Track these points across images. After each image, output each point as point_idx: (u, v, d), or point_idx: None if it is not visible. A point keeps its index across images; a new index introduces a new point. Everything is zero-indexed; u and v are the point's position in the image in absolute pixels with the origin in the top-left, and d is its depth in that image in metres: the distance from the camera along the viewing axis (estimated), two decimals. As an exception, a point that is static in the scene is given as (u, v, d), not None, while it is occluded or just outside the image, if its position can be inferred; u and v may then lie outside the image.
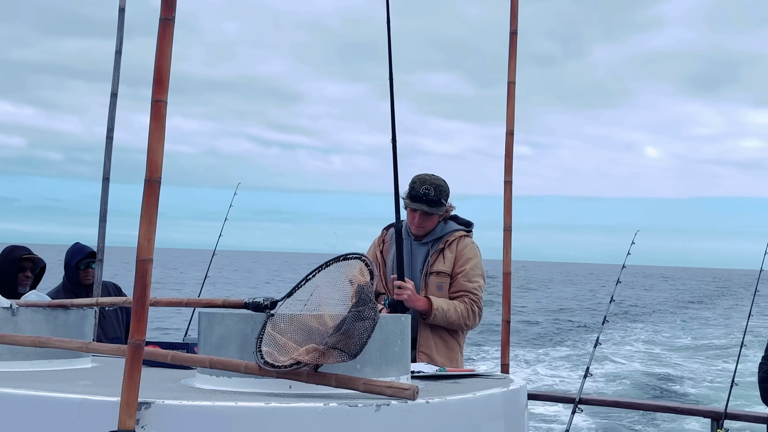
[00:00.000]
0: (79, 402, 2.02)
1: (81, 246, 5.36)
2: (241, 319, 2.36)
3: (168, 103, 1.98)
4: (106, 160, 4.16)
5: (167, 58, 1.98)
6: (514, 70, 3.38)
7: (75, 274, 5.25)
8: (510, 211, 3.33)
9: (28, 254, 5.15)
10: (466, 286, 4.00)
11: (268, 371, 2.17)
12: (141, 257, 1.94)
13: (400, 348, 2.45)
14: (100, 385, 2.39)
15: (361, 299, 2.19)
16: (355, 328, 2.13)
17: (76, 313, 2.99)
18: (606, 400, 5.83)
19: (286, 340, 2.25)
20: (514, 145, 3.35)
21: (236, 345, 2.33)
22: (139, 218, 1.95)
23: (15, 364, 2.78)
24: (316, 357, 2.13)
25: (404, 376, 2.46)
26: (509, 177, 3.36)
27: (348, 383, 2.16)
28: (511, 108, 3.37)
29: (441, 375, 2.90)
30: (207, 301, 2.64)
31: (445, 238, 4.08)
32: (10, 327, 2.81)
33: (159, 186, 1.96)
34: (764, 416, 3.97)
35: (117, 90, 4.14)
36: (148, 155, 1.96)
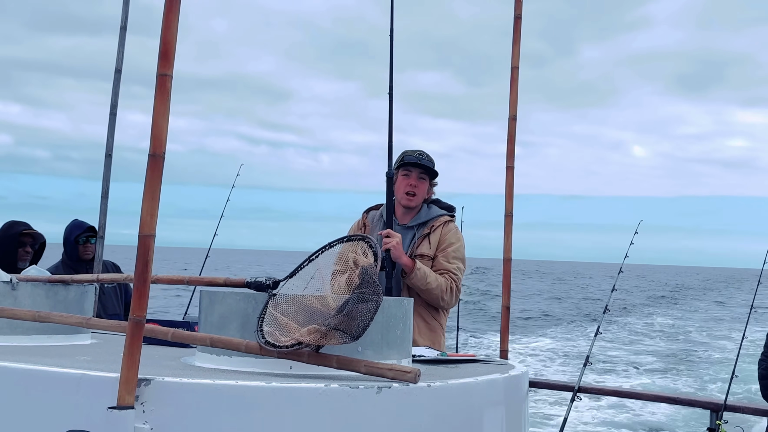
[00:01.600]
0: (79, 377, 2.01)
1: (79, 222, 5.35)
2: (242, 298, 2.34)
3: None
4: (109, 136, 4.14)
5: (173, 32, 1.95)
6: (518, 55, 3.35)
7: (74, 249, 5.24)
8: (511, 197, 3.31)
9: (28, 229, 5.13)
10: (445, 265, 4.02)
11: (269, 351, 2.16)
12: (143, 233, 1.92)
13: (402, 331, 2.43)
14: (99, 361, 2.37)
15: (365, 281, 2.17)
16: (358, 309, 2.12)
17: (77, 289, 2.98)
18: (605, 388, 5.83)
19: (288, 320, 2.24)
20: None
21: (237, 324, 2.32)
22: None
23: (14, 338, 2.77)
24: (318, 338, 2.11)
25: (405, 360, 2.45)
26: (511, 162, 3.34)
27: (349, 365, 2.14)
28: (514, 93, 3.34)
29: (442, 359, 2.89)
30: (208, 280, 2.62)
31: (430, 223, 4.11)
32: (10, 301, 2.79)
33: (163, 161, 1.94)
34: (764, 409, 3.96)
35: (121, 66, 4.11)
36: (153, 130, 1.94)
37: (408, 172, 4.10)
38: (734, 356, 4.57)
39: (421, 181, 4.11)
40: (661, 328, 27.68)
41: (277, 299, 2.31)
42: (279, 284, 2.39)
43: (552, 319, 30.14)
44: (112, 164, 4.19)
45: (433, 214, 4.15)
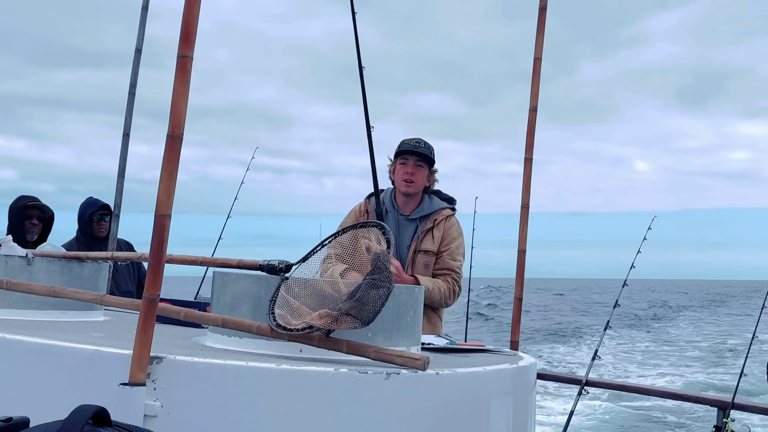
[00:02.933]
0: (91, 353, 2.03)
1: (94, 199, 5.39)
2: (255, 280, 2.36)
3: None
4: (128, 116, 4.16)
5: (195, 14, 1.96)
6: (541, 45, 3.35)
7: (88, 226, 5.28)
8: (528, 189, 3.31)
9: (33, 202, 5.18)
10: (450, 264, 4.07)
11: (280, 334, 2.17)
12: (159, 212, 1.93)
13: (412, 319, 2.44)
14: (112, 337, 2.40)
15: (377, 267, 2.18)
16: (370, 295, 2.12)
17: (91, 266, 3.00)
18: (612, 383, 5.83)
19: (299, 304, 2.25)
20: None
21: (249, 306, 2.33)
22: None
23: (28, 312, 2.80)
24: (329, 322, 2.13)
25: (414, 347, 2.46)
26: (530, 154, 3.33)
27: (359, 350, 2.16)
28: (535, 85, 3.35)
29: (451, 348, 2.90)
30: (222, 261, 2.64)
31: (433, 216, 4.13)
32: (25, 276, 2.82)
33: (181, 142, 1.95)
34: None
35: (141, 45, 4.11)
36: (172, 110, 1.95)
37: (405, 160, 4.12)
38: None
39: (419, 169, 4.11)
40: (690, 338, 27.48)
41: (289, 283, 2.33)
42: (291, 268, 2.41)
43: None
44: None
45: (435, 207, 4.16)
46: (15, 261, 2.85)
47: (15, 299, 2.78)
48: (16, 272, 2.81)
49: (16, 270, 2.83)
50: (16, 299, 2.78)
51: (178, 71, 1.95)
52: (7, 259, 2.85)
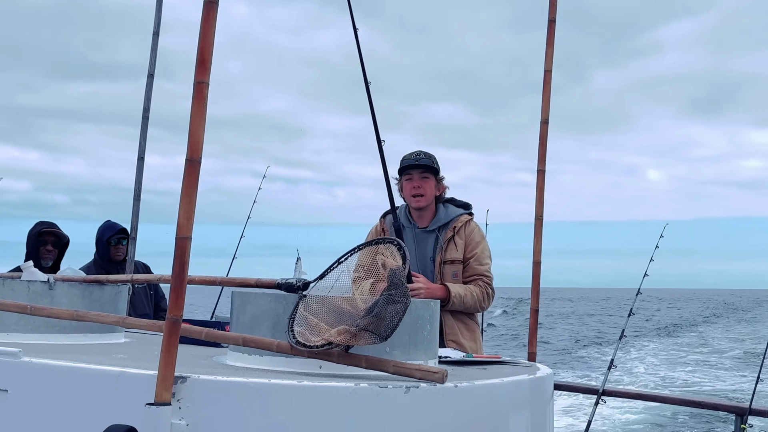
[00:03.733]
0: (117, 374, 2.08)
1: (112, 223, 5.45)
2: (273, 298, 2.40)
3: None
4: (142, 139, 4.22)
5: (210, 41, 2.01)
6: (551, 58, 3.40)
7: (106, 250, 5.34)
8: (542, 200, 3.35)
9: (49, 228, 5.24)
10: (479, 269, 4.06)
11: (299, 351, 2.21)
12: (180, 235, 1.98)
13: (429, 332, 2.48)
14: (135, 359, 2.44)
15: (393, 283, 2.22)
16: (387, 311, 2.16)
17: (111, 289, 3.06)
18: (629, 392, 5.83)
19: (318, 320, 2.29)
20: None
21: (268, 324, 2.37)
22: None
23: (51, 336, 2.85)
24: (348, 338, 2.16)
25: (432, 361, 2.49)
26: (542, 166, 3.37)
27: (378, 365, 2.19)
28: (546, 97, 3.38)
29: (468, 360, 2.93)
30: (240, 281, 2.68)
31: (452, 224, 4.11)
32: (47, 300, 2.87)
33: (199, 165, 2.00)
34: None
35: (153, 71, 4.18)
36: (190, 135, 2.00)
37: (410, 175, 4.11)
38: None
39: (425, 180, 4.10)
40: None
41: (307, 300, 2.37)
42: (309, 285, 2.45)
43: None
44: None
45: (452, 215, 4.14)
46: (37, 286, 2.90)
47: (38, 324, 2.83)
48: (38, 297, 2.87)
49: (39, 295, 2.88)
50: (39, 324, 2.83)
51: (195, 97, 2.00)
52: (30, 285, 2.90)
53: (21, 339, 2.78)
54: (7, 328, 2.82)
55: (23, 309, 2.67)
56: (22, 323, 2.82)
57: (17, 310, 2.69)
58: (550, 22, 3.37)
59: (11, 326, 2.82)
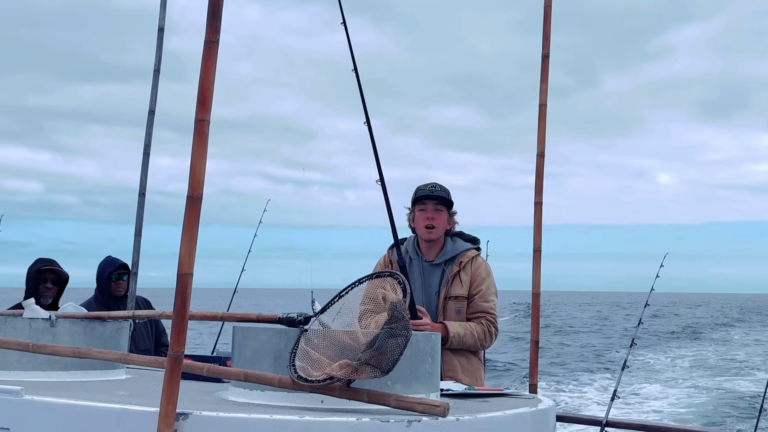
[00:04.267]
0: (119, 412, 2.08)
1: (113, 258, 5.46)
2: (275, 333, 2.41)
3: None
4: (143, 176, 4.25)
5: (211, 80, 2.04)
6: (545, 92, 3.43)
7: (107, 286, 5.35)
8: (540, 232, 3.36)
9: (48, 266, 5.25)
10: (483, 306, 4.02)
11: (301, 385, 2.22)
12: (182, 271, 1.99)
13: (431, 365, 2.48)
14: (137, 395, 2.44)
15: (394, 316, 2.23)
16: (388, 344, 2.17)
17: (113, 325, 3.06)
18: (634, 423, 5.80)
19: (319, 355, 2.30)
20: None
21: (270, 359, 2.38)
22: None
23: (52, 374, 2.85)
24: (349, 372, 2.17)
25: (434, 394, 2.49)
26: (539, 198, 3.39)
27: (380, 399, 2.19)
28: (542, 130, 3.41)
29: (469, 393, 2.93)
30: (241, 316, 2.69)
31: (458, 258, 4.08)
32: (49, 337, 2.88)
33: (200, 202, 2.02)
34: None
35: (155, 107, 4.23)
36: (191, 172, 2.02)
37: (424, 206, 4.10)
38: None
39: (438, 213, 4.09)
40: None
41: (308, 334, 2.38)
42: (310, 320, 2.45)
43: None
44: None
45: (459, 249, 4.12)
46: (39, 323, 2.91)
47: (39, 361, 2.83)
48: (40, 334, 2.87)
49: (40, 332, 2.88)
50: (40, 361, 2.83)
51: (195, 135, 2.03)
52: (31, 322, 2.91)
53: (23, 377, 2.78)
54: (9, 365, 2.82)
55: (25, 347, 2.68)
56: (24, 361, 2.82)
57: (19, 348, 2.69)
58: (543, 57, 3.40)
59: (13, 364, 2.82)
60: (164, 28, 4.25)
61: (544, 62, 3.39)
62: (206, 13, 2.04)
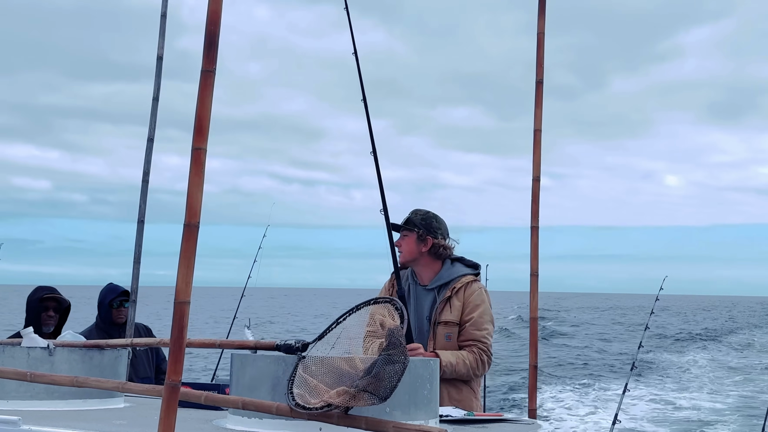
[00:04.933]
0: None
1: (114, 285, 5.47)
2: (272, 361, 2.41)
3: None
4: (142, 203, 4.26)
5: (207, 109, 2.06)
6: (540, 118, 3.44)
7: (108, 313, 5.35)
8: (536, 257, 3.36)
9: (50, 294, 5.25)
10: (475, 335, 3.93)
11: (299, 413, 2.21)
12: (179, 300, 2.00)
13: (429, 392, 2.48)
14: (135, 425, 2.44)
15: (392, 343, 2.23)
16: (386, 371, 2.17)
17: (111, 353, 3.06)
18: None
19: (317, 382, 2.29)
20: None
21: (268, 386, 2.38)
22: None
23: (50, 403, 2.85)
24: (347, 399, 2.16)
25: (433, 420, 2.49)
26: (536, 223, 3.39)
27: (378, 426, 2.19)
28: (537, 155, 3.41)
29: (469, 419, 2.92)
30: (239, 343, 2.69)
31: (452, 284, 4.01)
32: (47, 366, 2.88)
33: (197, 230, 2.02)
34: None
35: (153, 135, 4.26)
36: (188, 201, 2.03)
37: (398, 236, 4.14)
38: None
39: (404, 238, 4.09)
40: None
41: (306, 361, 2.38)
42: (308, 346, 2.46)
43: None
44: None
45: (454, 274, 4.05)
46: (37, 352, 2.91)
47: (37, 390, 2.83)
48: (38, 363, 2.87)
49: (38, 361, 2.88)
50: (38, 390, 2.83)
51: (192, 163, 2.04)
52: (30, 351, 2.91)
53: (21, 406, 2.77)
54: (6, 395, 2.82)
55: (23, 376, 2.67)
56: (21, 390, 2.82)
57: (17, 378, 2.69)
58: (537, 83, 3.42)
59: (11, 393, 2.82)
60: (166, 14, 4.34)
61: (538, 88, 3.41)
62: (203, 44, 2.06)
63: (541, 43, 3.44)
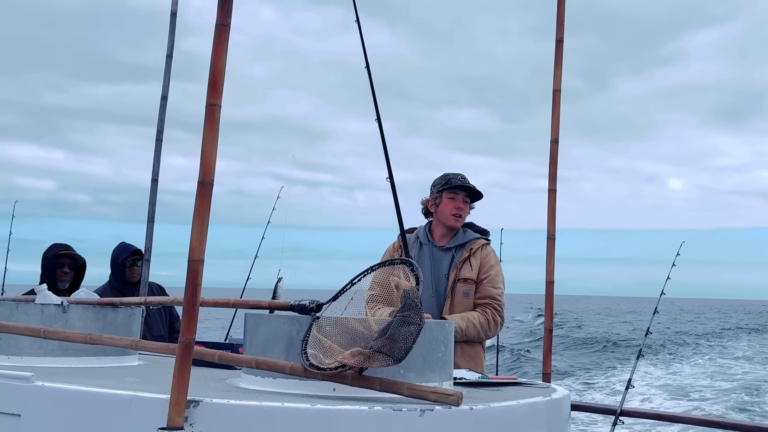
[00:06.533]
0: (130, 398, 2.07)
1: (127, 244, 5.46)
2: (286, 320, 2.39)
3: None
4: (155, 161, 4.24)
5: (222, 63, 2.02)
6: (560, 78, 3.38)
7: (121, 272, 5.35)
8: (554, 220, 3.32)
9: (65, 250, 5.25)
10: (492, 292, 4.06)
11: (313, 373, 2.20)
12: (193, 258, 1.97)
13: (444, 354, 2.46)
14: (148, 382, 2.43)
15: (407, 304, 2.21)
16: (401, 332, 2.15)
17: (125, 312, 3.05)
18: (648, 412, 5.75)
19: (331, 342, 2.28)
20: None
21: (281, 346, 2.36)
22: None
23: (64, 360, 2.85)
24: (361, 360, 2.15)
25: (447, 382, 2.47)
26: (553, 185, 3.35)
27: (392, 387, 2.17)
28: (556, 116, 3.36)
29: (483, 382, 2.90)
30: (253, 303, 2.67)
31: (469, 245, 4.16)
32: (61, 323, 2.87)
33: (211, 188, 2.00)
34: None
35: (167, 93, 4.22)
36: (202, 158, 2.00)
37: (455, 194, 4.16)
38: None
39: (466, 204, 4.20)
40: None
41: (320, 322, 2.36)
42: (322, 307, 2.43)
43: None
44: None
45: (469, 237, 4.20)
46: (51, 309, 2.90)
47: (51, 347, 2.83)
48: (52, 320, 2.87)
49: (52, 318, 2.88)
50: (52, 347, 2.83)
51: (206, 120, 2.00)
52: (43, 308, 2.90)
53: (34, 362, 2.78)
54: (20, 351, 2.82)
55: (37, 332, 2.67)
56: (35, 346, 2.81)
57: (31, 334, 2.69)
58: (558, 42, 3.35)
59: (25, 349, 2.82)
60: (176, 13, 4.25)
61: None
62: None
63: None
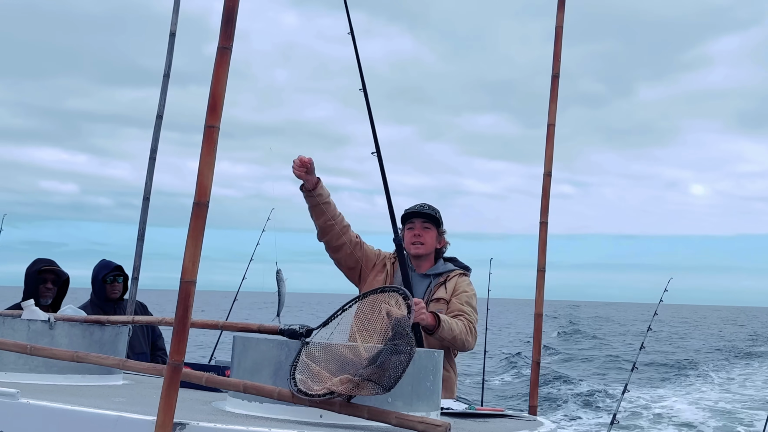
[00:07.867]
0: (115, 419, 2.05)
1: (107, 261, 5.44)
2: (275, 345, 2.38)
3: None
4: (148, 179, 4.24)
5: (222, 86, 2.02)
6: (554, 112, 3.41)
7: (102, 288, 5.32)
8: (544, 252, 3.34)
9: (48, 266, 5.21)
10: (459, 307, 4.07)
11: (301, 399, 2.18)
12: (185, 278, 1.97)
13: (432, 384, 2.45)
14: (134, 402, 2.41)
15: (398, 333, 2.20)
16: (391, 361, 2.14)
17: (112, 330, 3.03)
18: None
19: (320, 369, 2.27)
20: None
21: (270, 371, 2.35)
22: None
23: (49, 377, 2.82)
24: (350, 388, 2.14)
25: (434, 412, 2.46)
26: (545, 218, 3.37)
27: (380, 416, 2.16)
28: (549, 150, 3.39)
29: (470, 413, 2.89)
30: (242, 326, 2.66)
31: (446, 273, 4.19)
32: (47, 340, 2.85)
33: (206, 209, 1.99)
34: None
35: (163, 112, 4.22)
36: (198, 179, 2.00)
37: (412, 224, 4.18)
38: None
39: (426, 230, 4.17)
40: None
41: (310, 347, 2.35)
42: (312, 332, 2.43)
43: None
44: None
45: (449, 268, 4.22)
46: (37, 325, 2.88)
47: (36, 364, 2.80)
48: (38, 336, 2.84)
49: (39, 334, 2.86)
50: (37, 364, 2.80)
51: (204, 141, 2.00)
52: (30, 324, 2.88)
53: (19, 378, 2.75)
54: (5, 367, 2.79)
55: (23, 349, 2.65)
56: (20, 363, 2.79)
57: (17, 350, 2.67)
58: (553, 77, 3.39)
59: (10, 365, 2.79)
60: (176, 33, 4.29)
61: (553, 82, 3.37)
62: (221, 20, 2.02)
63: (559, 36, 3.40)
